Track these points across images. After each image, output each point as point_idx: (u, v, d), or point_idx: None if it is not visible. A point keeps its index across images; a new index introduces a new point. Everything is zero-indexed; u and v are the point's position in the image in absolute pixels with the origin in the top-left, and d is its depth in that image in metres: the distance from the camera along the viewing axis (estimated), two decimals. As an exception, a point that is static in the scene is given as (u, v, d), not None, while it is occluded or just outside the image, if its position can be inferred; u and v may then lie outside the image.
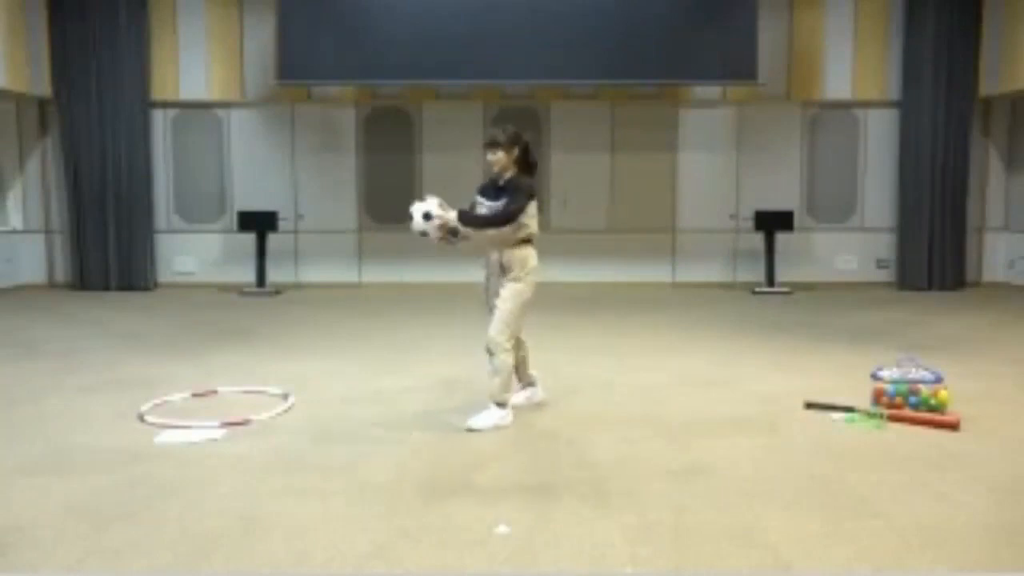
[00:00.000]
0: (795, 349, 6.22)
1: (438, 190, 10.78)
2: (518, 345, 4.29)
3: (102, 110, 9.65)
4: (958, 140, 9.74)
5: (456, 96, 10.00)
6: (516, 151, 4.09)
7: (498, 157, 4.07)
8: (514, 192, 4.02)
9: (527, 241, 4.12)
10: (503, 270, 4.11)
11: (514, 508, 3.10)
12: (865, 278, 10.21)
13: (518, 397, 4.43)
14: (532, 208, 4.09)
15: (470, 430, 4.03)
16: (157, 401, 4.54)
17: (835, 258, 10.27)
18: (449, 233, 4.06)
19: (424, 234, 4.08)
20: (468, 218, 4.05)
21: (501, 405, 4.13)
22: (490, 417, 4.10)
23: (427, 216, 4.03)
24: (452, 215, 4.02)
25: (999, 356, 5.93)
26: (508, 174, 4.10)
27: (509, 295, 4.06)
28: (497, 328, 4.05)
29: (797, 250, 10.13)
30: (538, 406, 4.51)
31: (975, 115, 9.85)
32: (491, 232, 4.04)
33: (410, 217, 4.10)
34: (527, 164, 4.16)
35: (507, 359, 4.09)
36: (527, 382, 4.50)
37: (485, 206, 4.12)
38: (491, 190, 4.17)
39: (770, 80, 9.74)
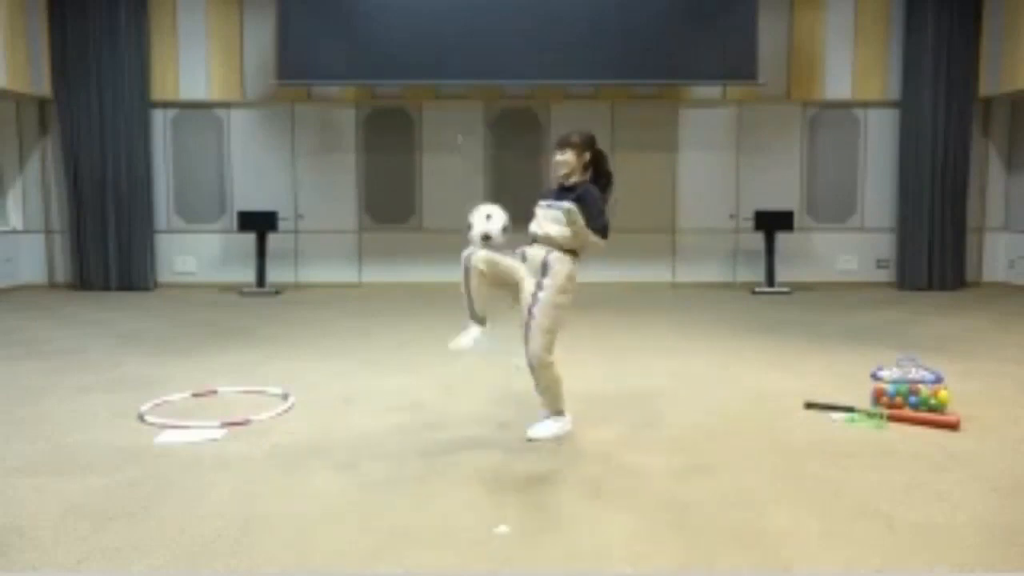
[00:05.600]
0: (795, 349, 6.22)
1: (438, 190, 10.83)
2: (483, 279, 3.85)
3: (102, 110, 9.65)
4: (958, 140, 9.74)
5: (456, 96, 10.00)
6: (587, 155, 3.84)
7: (567, 158, 3.81)
8: (589, 201, 3.72)
9: (576, 252, 3.82)
10: (544, 270, 3.75)
11: (514, 508, 3.10)
12: (865, 278, 10.21)
13: (465, 338, 3.92)
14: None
15: (530, 440, 3.87)
16: (157, 401, 4.54)
17: (835, 258, 10.27)
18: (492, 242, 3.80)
19: (487, 238, 3.79)
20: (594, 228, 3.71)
21: (559, 413, 3.93)
22: (551, 427, 3.91)
23: (485, 236, 3.80)
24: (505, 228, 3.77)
25: (999, 356, 5.93)
26: (575, 178, 3.83)
27: (548, 307, 3.71)
28: (535, 342, 3.72)
29: (797, 250, 10.12)
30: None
31: (975, 115, 9.85)
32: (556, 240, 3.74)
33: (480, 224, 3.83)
34: (599, 174, 3.89)
35: (552, 373, 3.81)
36: (482, 313, 3.98)
37: (544, 205, 3.82)
38: (554, 192, 3.89)
39: (770, 80, 9.74)
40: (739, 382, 5.15)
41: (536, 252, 3.83)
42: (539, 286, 3.77)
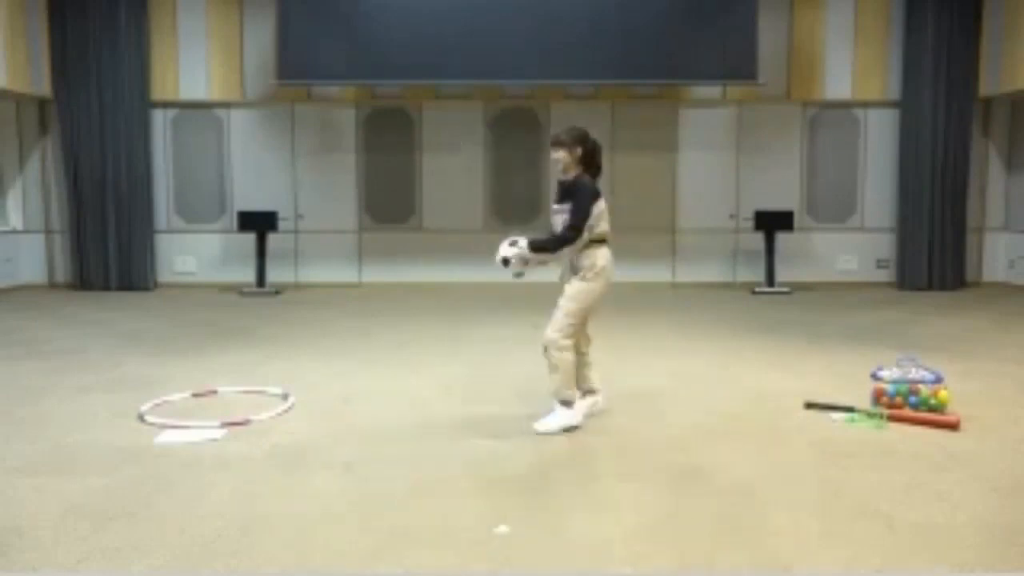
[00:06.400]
0: (795, 349, 6.22)
1: (438, 190, 10.83)
2: (580, 348, 4.17)
3: (102, 110, 9.65)
4: (958, 140, 9.74)
5: (456, 96, 10.00)
6: (579, 151, 4.07)
7: (560, 156, 4.06)
8: (577, 198, 3.98)
9: (599, 241, 4.03)
10: (573, 269, 4.06)
11: (514, 508, 3.10)
12: (865, 278, 10.21)
13: (580, 405, 4.20)
14: (600, 207, 4.00)
15: (538, 433, 3.97)
16: (157, 401, 4.54)
17: (835, 258, 10.27)
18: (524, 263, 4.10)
19: (506, 262, 4.05)
20: (539, 245, 4.01)
21: (567, 404, 4.04)
22: (557, 419, 4.02)
23: (505, 261, 4.06)
24: (523, 245, 3.99)
25: (999, 356, 5.93)
26: (571, 173, 4.08)
27: (572, 294, 3.99)
28: (553, 327, 3.97)
29: (797, 250, 10.12)
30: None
31: (975, 115, 9.85)
32: (567, 249, 4.02)
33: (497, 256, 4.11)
34: (592, 165, 4.12)
35: (565, 355, 3.98)
36: (587, 389, 4.27)
37: (556, 211, 4.09)
38: (560, 191, 4.14)
39: (770, 80, 9.74)
40: (739, 382, 5.15)
41: (563, 261, 4.14)
42: (572, 280, 4.06)
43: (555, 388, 4.04)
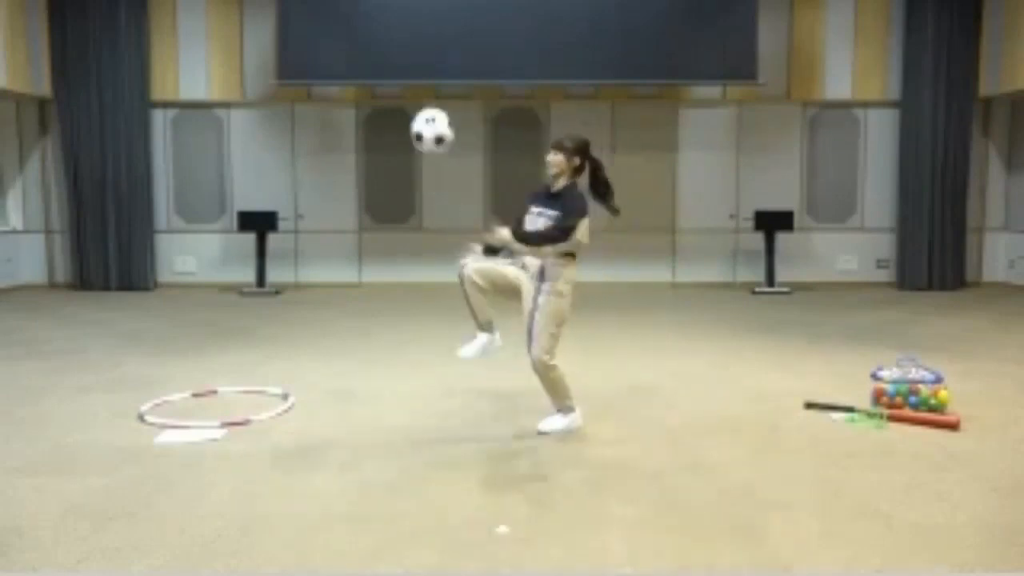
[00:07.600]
0: (795, 349, 6.22)
1: (438, 190, 10.82)
2: (481, 290, 4.04)
3: (102, 110, 9.65)
4: (958, 140, 9.74)
5: (456, 96, 9.99)
6: (576, 160, 4.00)
7: (557, 159, 3.99)
8: (571, 205, 3.89)
9: (573, 255, 3.95)
10: (542, 275, 3.96)
11: (514, 508, 3.10)
12: (865, 278, 10.21)
13: (472, 347, 4.13)
14: (585, 225, 3.90)
15: (540, 433, 4.02)
16: (157, 401, 4.54)
17: (835, 258, 10.27)
18: (501, 252, 4.06)
19: (419, 137, 4.26)
20: (523, 236, 3.90)
21: (568, 409, 4.09)
22: (559, 422, 4.08)
23: (439, 139, 4.23)
24: (505, 233, 3.86)
25: (999, 356, 5.93)
26: (562, 181, 4.00)
27: (548, 313, 3.88)
28: (539, 348, 3.90)
29: (797, 250, 10.12)
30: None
31: (975, 115, 9.85)
32: (547, 248, 3.88)
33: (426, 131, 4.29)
34: (598, 181, 4.08)
35: (556, 374, 3.98)
36: (486, 321, 4.13)
37: (536, 213, 3.98)
38: (543, 197, 4.05)
39: (770, 80, 9.73)
40: (739, 382, 5.15)
41: (533, 259, 4.03)
42: (538, 291, 3.96)
43: (554, 402, 4.09)
